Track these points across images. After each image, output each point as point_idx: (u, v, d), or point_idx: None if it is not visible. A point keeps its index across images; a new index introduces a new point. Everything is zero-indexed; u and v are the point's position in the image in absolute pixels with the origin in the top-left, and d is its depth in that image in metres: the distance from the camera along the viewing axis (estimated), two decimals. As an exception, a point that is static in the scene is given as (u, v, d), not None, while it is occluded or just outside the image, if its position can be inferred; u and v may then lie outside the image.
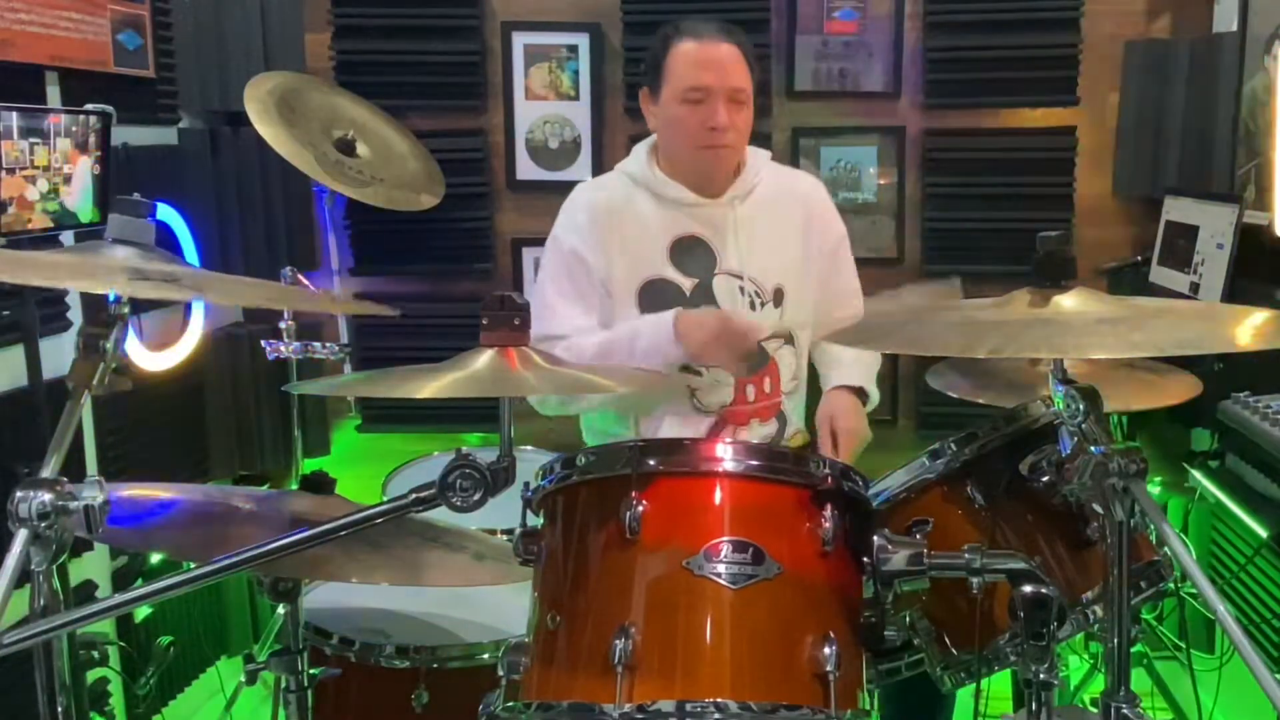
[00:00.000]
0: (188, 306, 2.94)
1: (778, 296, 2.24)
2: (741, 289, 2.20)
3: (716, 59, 2.12)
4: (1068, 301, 1.35)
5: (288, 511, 1.73)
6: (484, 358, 1.33)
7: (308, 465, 3.11)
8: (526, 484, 1.46)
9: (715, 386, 2.20)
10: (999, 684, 2.04)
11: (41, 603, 1.20)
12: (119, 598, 1.31)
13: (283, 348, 2.85)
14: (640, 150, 2.29)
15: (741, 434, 2.22)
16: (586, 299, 2.21)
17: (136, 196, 1.35)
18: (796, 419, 2.31)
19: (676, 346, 2.08)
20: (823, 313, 2.30)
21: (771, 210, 2.26)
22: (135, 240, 1.32)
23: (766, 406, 2.25)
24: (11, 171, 2.08)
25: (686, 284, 2.20)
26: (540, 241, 2.34)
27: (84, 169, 2.27)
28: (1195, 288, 2.72)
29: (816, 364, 2.37)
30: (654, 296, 2.19)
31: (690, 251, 2.21)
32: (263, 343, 2.89)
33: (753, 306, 2.21)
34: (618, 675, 1.29)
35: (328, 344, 2.94)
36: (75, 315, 2.41)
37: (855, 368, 2.29)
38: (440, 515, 1.39)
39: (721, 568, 1.33)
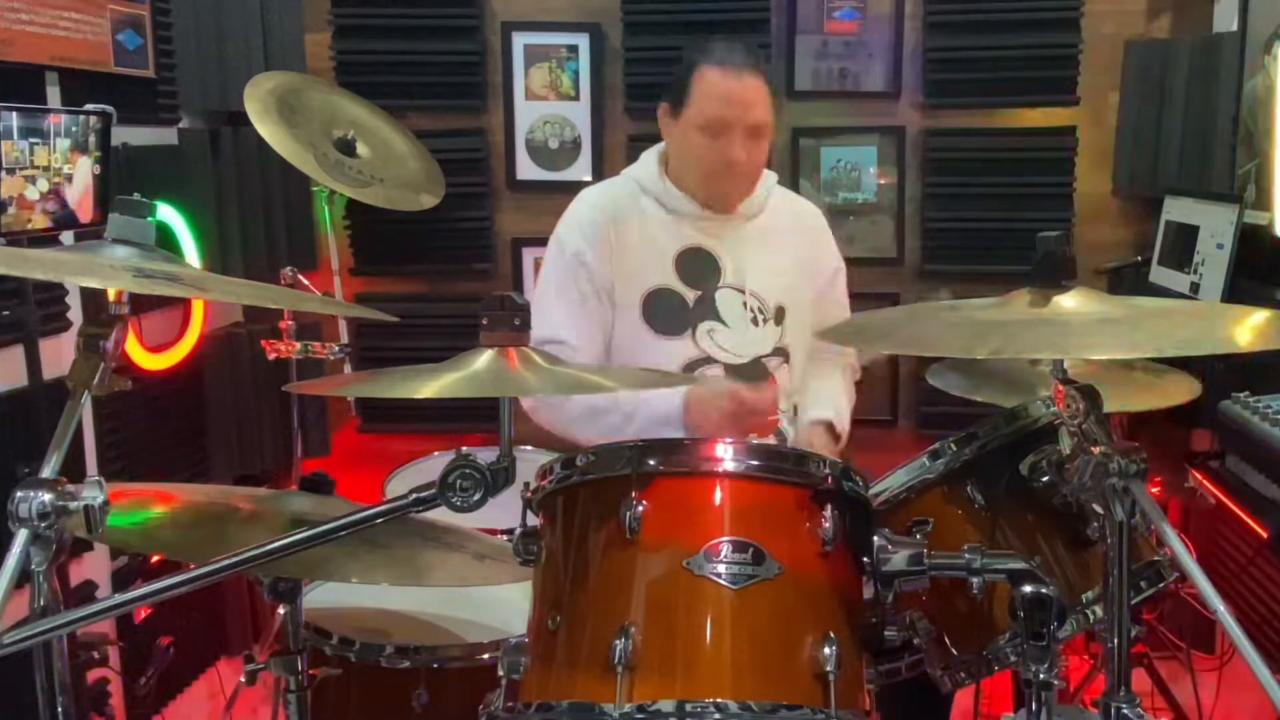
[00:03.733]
0: (188, 307, 2.94)
1: (779, 314, 2.23)
2: (744, 303, 2.20)
3: (740, 93, 2.08)
4: (1068, 301, 1.35)
5: (288, 511, 1.72)
6: (484, 358, 1.32)
7: (308, 465, 3.11)
8: (526, 484, 1.46)
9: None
10: (999, 684, 2.05)
11: (41, 603, 1.20)
12: (119, 598, 1.30)
13: (283, 348, 2.85)
14: (650, 157, 2.27)
15: None
16: (588, 304, 2.19)
17: (136, 196, 1.35)
18: (792, 434, 2.29)
19: (682, 429, 2.04)
20: (813, 343, 2.29)
21: (777, 230, 2.26)
22: (135, 240, 1.31)
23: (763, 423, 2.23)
24: (11, 171, 2.07)
25: (690, 295, 2.18)
26: (540, 241, 2.33)
27: (84, 169, 2.26)
28: (1195, 288, 2.72)
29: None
30: (658, 307, 2.18)
31: (695, 263, 2.20)
32: (263, 343, 2.89)
33: (755, 322, 2.20)
34: (618, 675, 1.28)
35: (328, 344, 2.94)
36: (75, 315, 2.42)
37: (831, 404, 2.26)
38: (440, 515, 1.39)
39: (721, 568, 1.33)
